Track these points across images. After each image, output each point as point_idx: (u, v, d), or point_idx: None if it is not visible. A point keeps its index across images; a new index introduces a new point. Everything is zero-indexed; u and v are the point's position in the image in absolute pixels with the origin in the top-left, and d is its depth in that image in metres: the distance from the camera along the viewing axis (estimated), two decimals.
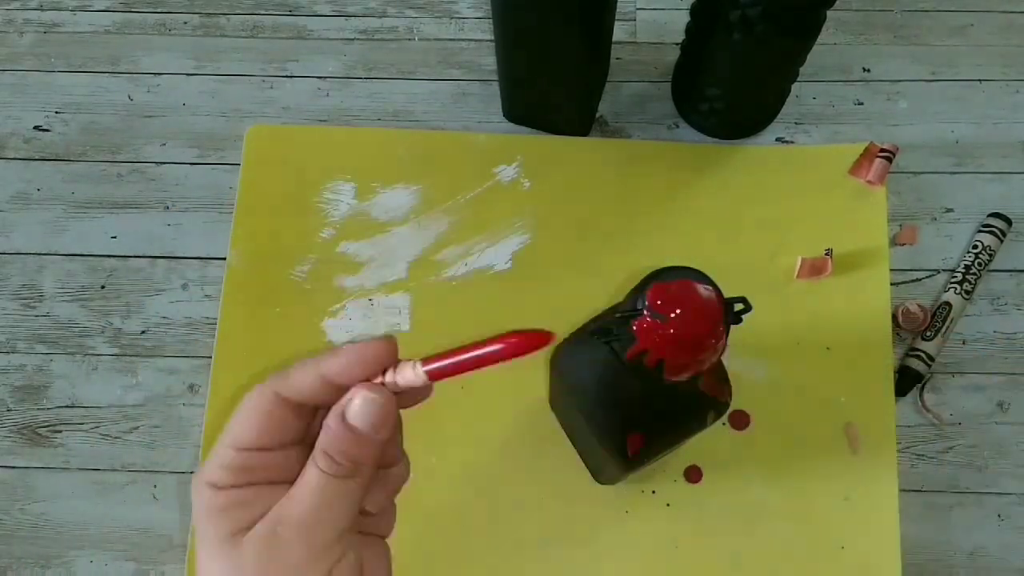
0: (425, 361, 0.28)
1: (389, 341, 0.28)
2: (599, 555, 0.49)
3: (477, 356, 0.27)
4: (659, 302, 0.32)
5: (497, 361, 0.28)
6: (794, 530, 0.50)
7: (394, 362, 0.28)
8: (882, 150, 0.56)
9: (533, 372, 0.52)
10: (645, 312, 0.32)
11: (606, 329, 0.33)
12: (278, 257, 0.56)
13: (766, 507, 0.50)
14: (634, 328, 0.32)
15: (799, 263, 0.54)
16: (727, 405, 0.41)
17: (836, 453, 0.51)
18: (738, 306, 0.32)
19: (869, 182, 0.56)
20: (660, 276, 0.33)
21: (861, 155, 0.57)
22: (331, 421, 0.27)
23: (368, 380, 0.28)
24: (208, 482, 0.27)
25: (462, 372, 0.28)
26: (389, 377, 0.28)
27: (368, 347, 0.28)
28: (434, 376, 0.28)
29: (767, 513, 0.50)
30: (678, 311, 0.31)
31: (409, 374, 0.28)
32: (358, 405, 0.27)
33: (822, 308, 0.54)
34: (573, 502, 0.50)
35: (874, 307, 0.54)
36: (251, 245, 0.56)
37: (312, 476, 0.27)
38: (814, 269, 0.54)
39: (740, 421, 0.52)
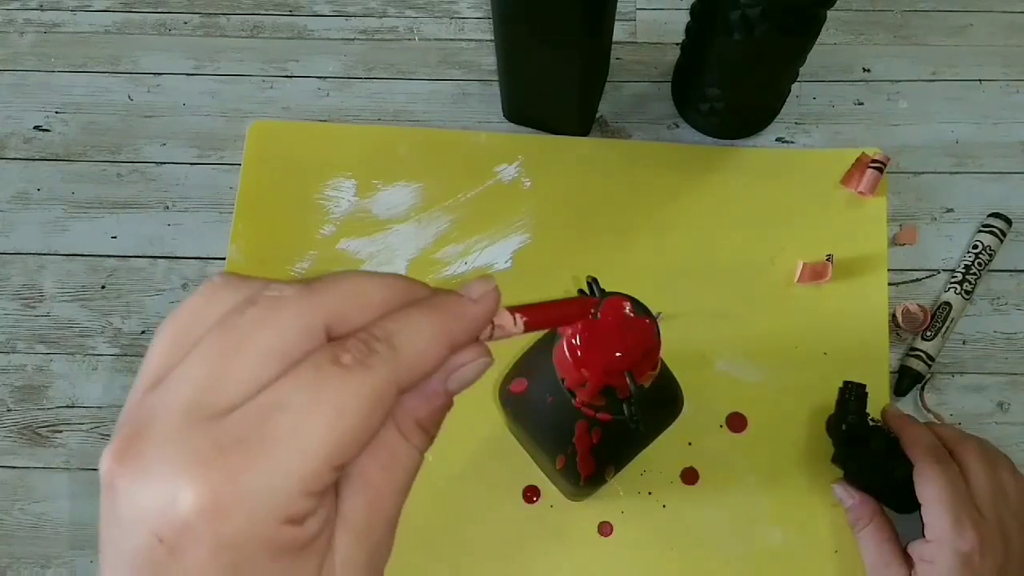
0: (516, 312, 0.25)
1: (495, 287, 0.24)
2: (595, 556, 0.49)
3: (562, 312, 0.28)
4: (578, 354, 0.31)
5: (574, 320, 0.29)
6: (789, 533, 0.50)
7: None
8: (873, 161, 0.56)
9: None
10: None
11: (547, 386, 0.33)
12: (278, 253, 0.56)
13: (762, 510, 0.50)
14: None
15: (800, 267, 0.54)
16: (678, 409, 0.42)
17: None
18: (658, 312, 0.33)
19: (860, 193, 0.56)
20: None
21: (852, 166, 0.57)
22: (439, 388, 0.23)
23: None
24: (288, 518, 0.19)
25: (547, 326, 0.27)
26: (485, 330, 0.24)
27: (493, 297, 0.24)
28: (530, 327, 0.25)
29: (763, 515, 0.50)
30: (595, 346, 0.31)
31: (509, 324, 0.25)
32: (470, 371, 0.23)
33: (821, 312, 0.54)
34: (569, 503, 0.50)
35: (872, 312, 0.54)
36: (251, 241, 0.56)
37: (409, 459, 0.22)
38: (815, 274, 0.54)
39: (737, 424, 0.51)
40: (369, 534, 0.21)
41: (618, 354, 0.30)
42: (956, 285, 0.54)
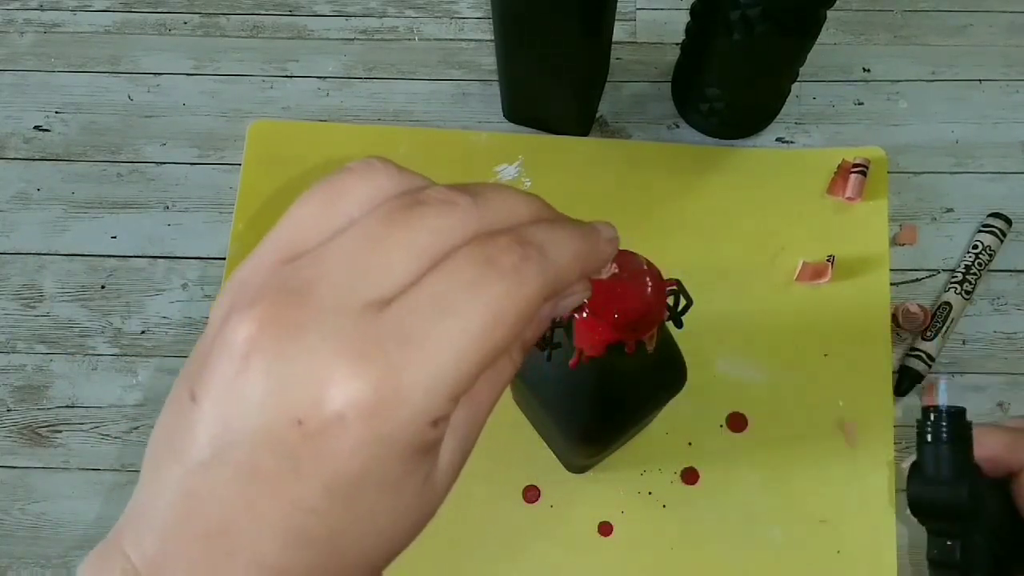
0: None
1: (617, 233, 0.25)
2: (595, 556, 0.49)
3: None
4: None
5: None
6: (790, 533, 0.50)
7: None
8: (855, 165, 0.56)
9: None
10: (576, 315, 0.31)
11: (547, 339, 0.33)
12: None
13: (763, 510, 0.50)
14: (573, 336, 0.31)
15: (800, 266, 0.54)
16: (682, 379, 0.41)
17: (833, 456, 0.51)
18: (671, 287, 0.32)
19: (849, 199, 0.56)
20: None
21: (835, 174, 0.56)
22: (547, 311, 0.23)
23: None
24: (433, 420, 0.19)
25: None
26: None
27: (616, 243, 0.25)
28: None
29: (763, 515, 0.50)
30: (609, 298, 0.30)
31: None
32: (574, 300, 0.23)
33: (821, 312, 0.54)
34: (569, 503, 0.50)
35: (874, 312, 0.54)
36: (251, 241, 0.56)
37: (508, 374, 0.23)
38: (815, 273, 0.54)
39: (738, 424, 0.51)
40: (467, 441, 0.21)
41: (616, 315, 0.30)
42: (956, 285, 0.54)
